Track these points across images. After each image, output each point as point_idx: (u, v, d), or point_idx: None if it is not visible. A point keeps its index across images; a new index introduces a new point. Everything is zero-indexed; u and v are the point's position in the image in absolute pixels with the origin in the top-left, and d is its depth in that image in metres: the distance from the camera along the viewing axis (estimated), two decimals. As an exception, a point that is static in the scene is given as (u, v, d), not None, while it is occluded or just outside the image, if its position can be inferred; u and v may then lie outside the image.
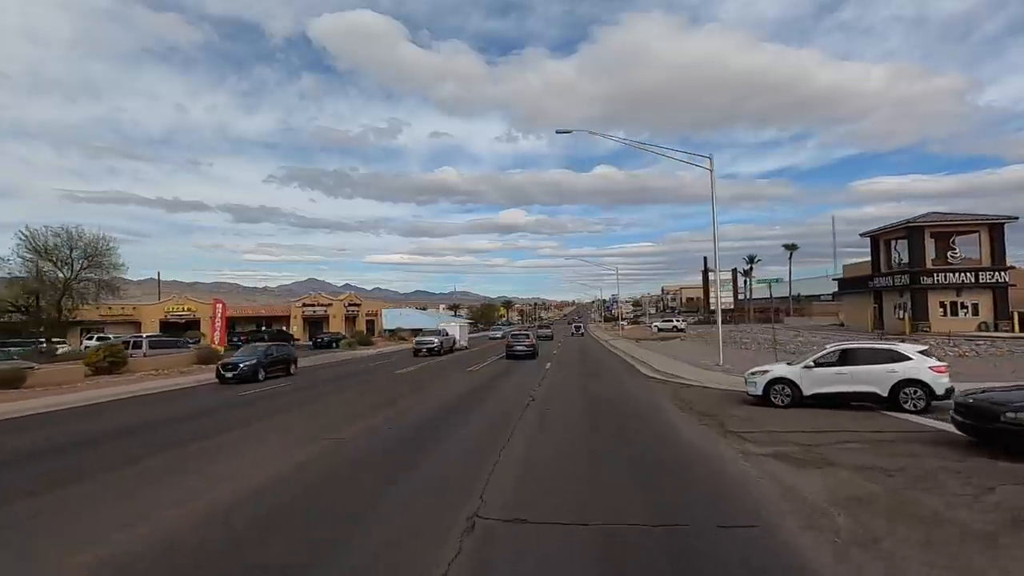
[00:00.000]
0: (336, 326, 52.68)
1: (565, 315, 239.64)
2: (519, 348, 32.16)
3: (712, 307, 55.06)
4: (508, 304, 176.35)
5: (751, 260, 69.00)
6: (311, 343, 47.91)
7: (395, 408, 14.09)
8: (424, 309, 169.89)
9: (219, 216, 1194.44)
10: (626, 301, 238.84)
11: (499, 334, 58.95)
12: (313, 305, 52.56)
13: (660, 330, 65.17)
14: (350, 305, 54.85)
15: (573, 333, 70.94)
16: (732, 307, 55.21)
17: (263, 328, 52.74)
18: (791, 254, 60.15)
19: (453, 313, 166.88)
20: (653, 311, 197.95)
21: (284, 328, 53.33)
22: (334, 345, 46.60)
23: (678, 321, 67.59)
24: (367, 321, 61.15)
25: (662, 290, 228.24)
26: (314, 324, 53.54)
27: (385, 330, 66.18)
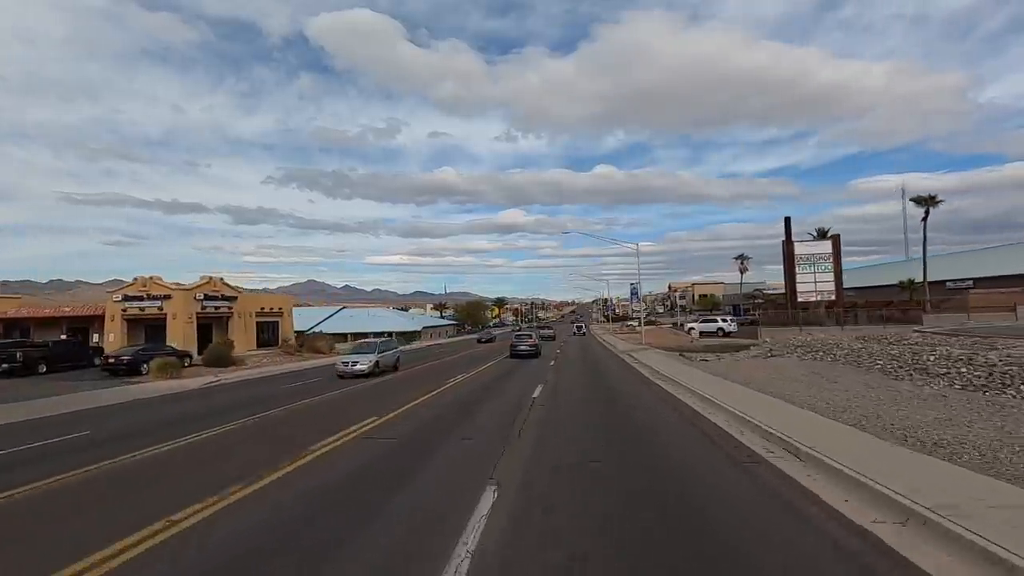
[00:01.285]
0: (179, 332, 30.77)
1: (563, 316, 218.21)
2: (522, 348, 32.09)
3: (801, 298, 33.25)
4: (501, 303, 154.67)
5: (823, 234, 46.66)
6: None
7: None
8: (406, 310, 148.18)
9: (218, 218, 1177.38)
10: (628, 300, 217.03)
11: (363, 366, 22.43)
12: (140, 299, 30.82)
13: (702, 334, 43.31)
14: (209, 299, 32.91)
15: (575, 332, 71.49)
16: (834, 298, 33.63)
17: (67, 337, 31.03)
18: (927, 211, 37.84)
19: (440, 314, 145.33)
20: (661, 310, 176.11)
21: (96, 337, 31.67)
22: (143, 369, 25.00)
23: (725, 321, 45.84)
24: (263, 323, 39.41)
25: (669, 287, 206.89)
26: (152, 328, 31.83)
27: (298, 332, 44.44)
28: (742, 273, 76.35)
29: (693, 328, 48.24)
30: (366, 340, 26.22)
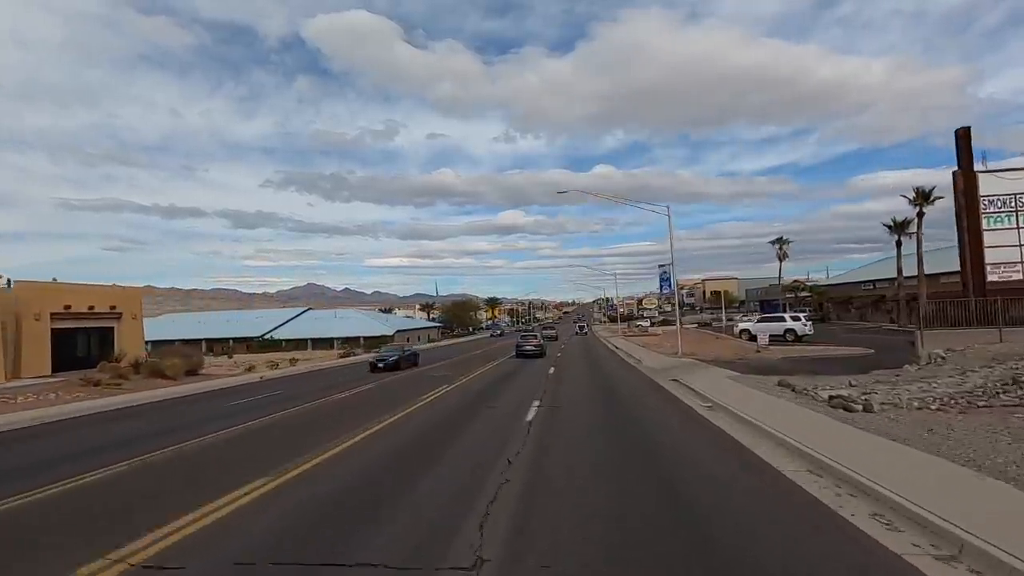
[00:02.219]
0: None
1: (560, 317, 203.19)
2: (528, 347, 31.57)
3: (996, 275, 17.70)
4: (494, 302, 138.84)
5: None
6: None
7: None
8: (388, 311, 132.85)
9: (216, 222, 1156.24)
10: (630, 300, 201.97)
11: None
12: None
13: (772, 338, 28.09)
14: None
15: (576, 332, 71.35)
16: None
17: None
18: None
19: (427, 316, 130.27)
20: (669, 308, 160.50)
21: None
22: None
23: (797, 320, 30.75)
24: (77, 331, 24.27)
25: (677, 284, 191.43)
26: None
27: (156, 343, 29.34)
28: (781, 260, 61.02)
29: (746, 329, 33.03)
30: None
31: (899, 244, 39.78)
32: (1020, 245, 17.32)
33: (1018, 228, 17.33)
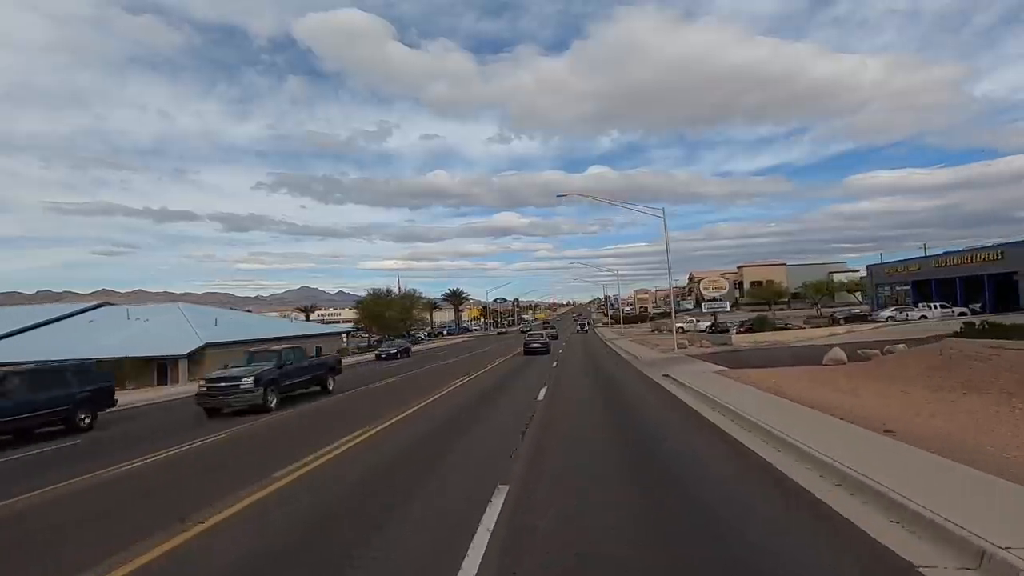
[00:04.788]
0: None
1: (547, 321, 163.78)
2: (535, 345, 32.06)
3: None
4: (458, 297, 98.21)
5: None
6: None
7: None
8: (307, 313, 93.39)
9: (209, 225, 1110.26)
10: (646, 294, 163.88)
11: None
12: None
13: None
14: None
15: (578, 331, 72.75)
16: None
17: None
18: None
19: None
20: (691, 306, 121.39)
21: None
22: None
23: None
24: None
25: (691, 277, 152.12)
26: None
27: None
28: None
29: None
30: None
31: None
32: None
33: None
